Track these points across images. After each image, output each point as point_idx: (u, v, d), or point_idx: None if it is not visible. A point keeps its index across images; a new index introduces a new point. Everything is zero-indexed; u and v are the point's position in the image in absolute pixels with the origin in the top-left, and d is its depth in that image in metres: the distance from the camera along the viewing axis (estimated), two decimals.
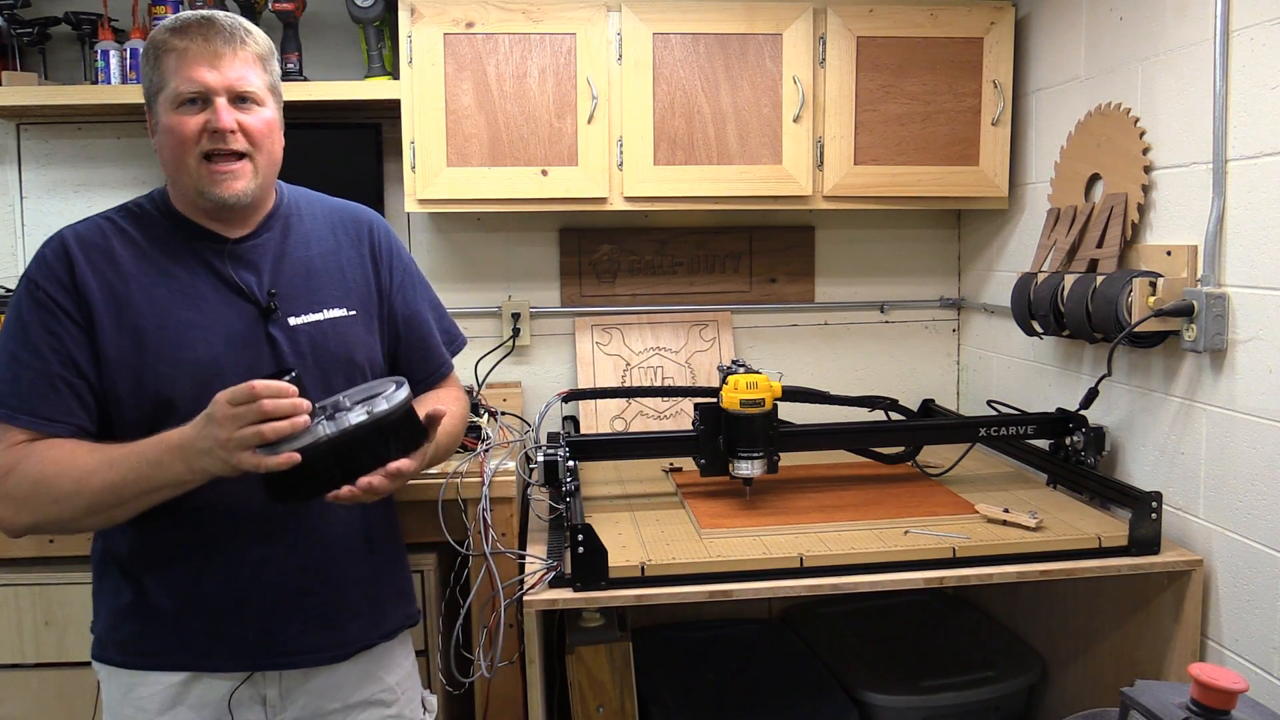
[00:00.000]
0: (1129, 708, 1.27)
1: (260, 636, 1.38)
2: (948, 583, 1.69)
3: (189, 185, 1.34)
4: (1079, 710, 1.56)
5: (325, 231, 1.49)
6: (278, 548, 1.38)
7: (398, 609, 1.56)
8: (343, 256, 1.48)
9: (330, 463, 1.21)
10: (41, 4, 2.42)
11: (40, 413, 1.28)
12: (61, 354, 1.29)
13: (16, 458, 1.26)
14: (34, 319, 1.30)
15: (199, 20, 1.33)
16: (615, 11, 2.25)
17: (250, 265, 1.40)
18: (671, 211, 2.47)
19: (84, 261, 1.32)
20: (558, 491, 1.87)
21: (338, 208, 1.54)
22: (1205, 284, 1.72)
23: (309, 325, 1.40)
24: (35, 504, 1.25)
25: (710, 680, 2.18)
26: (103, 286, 1.32)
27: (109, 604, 1.41)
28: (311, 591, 1.41)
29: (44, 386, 1.28)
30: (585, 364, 2.58)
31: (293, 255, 1.43)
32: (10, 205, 2.52)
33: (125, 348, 1.31)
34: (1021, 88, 2.39)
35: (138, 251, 1.36)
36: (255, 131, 1.34)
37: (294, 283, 1.41)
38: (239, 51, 1.33)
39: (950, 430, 2.20)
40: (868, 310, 2.74)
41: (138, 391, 1.31)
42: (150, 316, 1.32)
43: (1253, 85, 1.64)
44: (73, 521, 1.27)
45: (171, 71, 1.31)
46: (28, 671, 1.98)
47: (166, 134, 1.32)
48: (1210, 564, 1.74)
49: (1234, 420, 1.70)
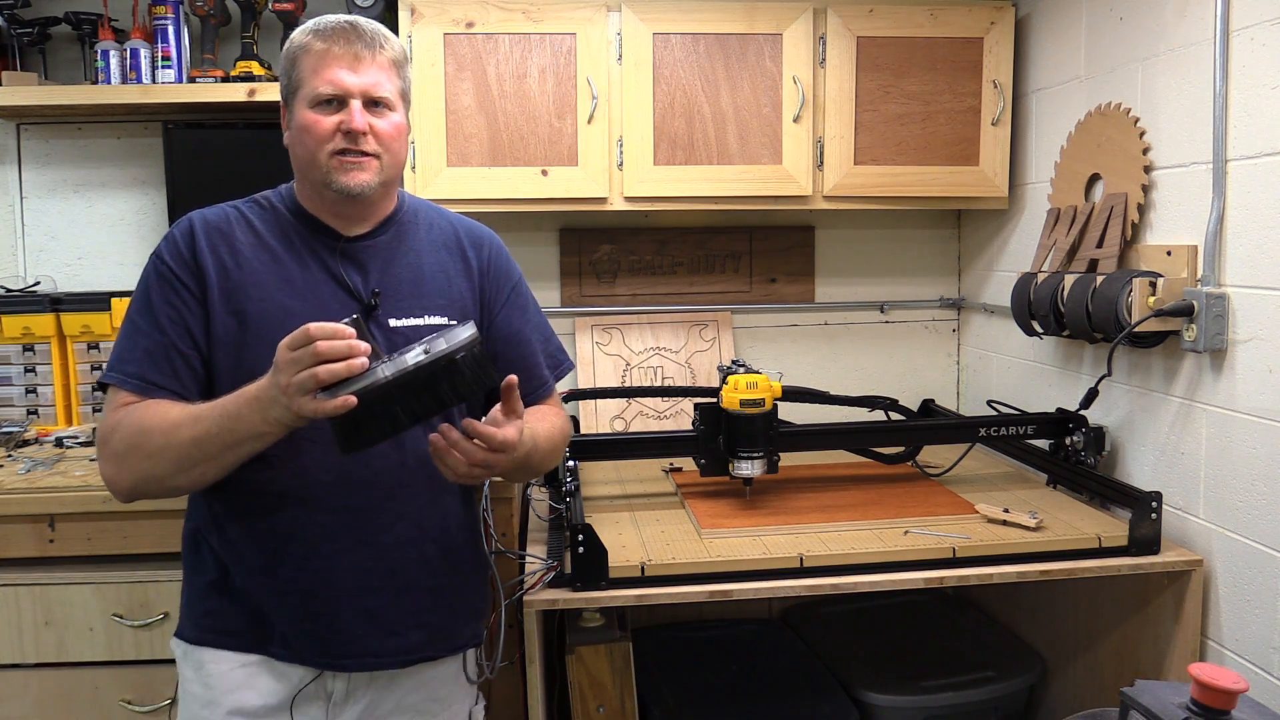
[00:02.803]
0: (1129, 708, 1.27)
1: (325, 633, 1.40)
2: (948, 583, 1.69)
3: (317, 178, 1.39)
4: (1079, 710, 1.56)
5: (439, 242, 1.52)
6: (345, 546, 1.39)
7: (467, 626, 1.54)
8: (452, 269, 1.51)
9: (391, 404, 1.19)
10: (41, 4, 2.42)
11: (149, 378, 1.34)
12: (179, 326, 1.36)
13: (120, 418, 1.32)
14: (157, 292, 1.37)
15: (342, 25, 1.39)
16: (615, 11, 2.25)
17: (359, 264, 1.44)
18: (671, 211, 2.47)
19: (205, 242, 1.39)
20: (558, 491, 1.87)
21: (457, 221, 1.58)
22: (1205, 284, 1.72)
23: (408, 328, 1.43)
24: (132, 460, 1.30)
25: (710, 680, 2.18)
26: (218, 268, 1.38)
27: (192, 582, 1.45)
28: (376, 595, 1.41)
29: (159, 355, 1.35)
30: (585, 364, 2.58)
31: (403, 260, 1.47)
32: (10, 205, 2.52)
33: (230, 326, 1.37)
34: (1021, 88, 2.39)
35: (257, 240, 1.42)
36: (384, 135, 1.40)
37: (400, 286, 1.45)
38: (376, 56, 1.38)
39: (950, 430, 2.21)
40: (868, 310, 2.74)
41: (235, 369, 1.35)
42: (255, 300, 1.38)
43: (1253, 85, 1.64)
44: (167, 478, 1.30)
45: (310, 71, 1.37)
46: (28, 671, 1.98)
47: (302, 130, 1.37)
48: (1210, 564, 1.74)
49: (1234, 420, 1.70)
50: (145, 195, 2.54)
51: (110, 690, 1.98)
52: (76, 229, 2.54)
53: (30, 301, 2.39)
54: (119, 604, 1.96)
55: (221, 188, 1.53)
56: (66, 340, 2.41)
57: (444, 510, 1.48)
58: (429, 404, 1.23)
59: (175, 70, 2.33)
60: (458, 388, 1.24)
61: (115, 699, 1.98)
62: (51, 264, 2.54)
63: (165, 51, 2.32)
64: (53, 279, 2.53)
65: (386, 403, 1.19)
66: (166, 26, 2.32)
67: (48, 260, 2.54)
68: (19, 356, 2.41)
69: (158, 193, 2.52)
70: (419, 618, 1.45)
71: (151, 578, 1.96)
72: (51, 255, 2.54)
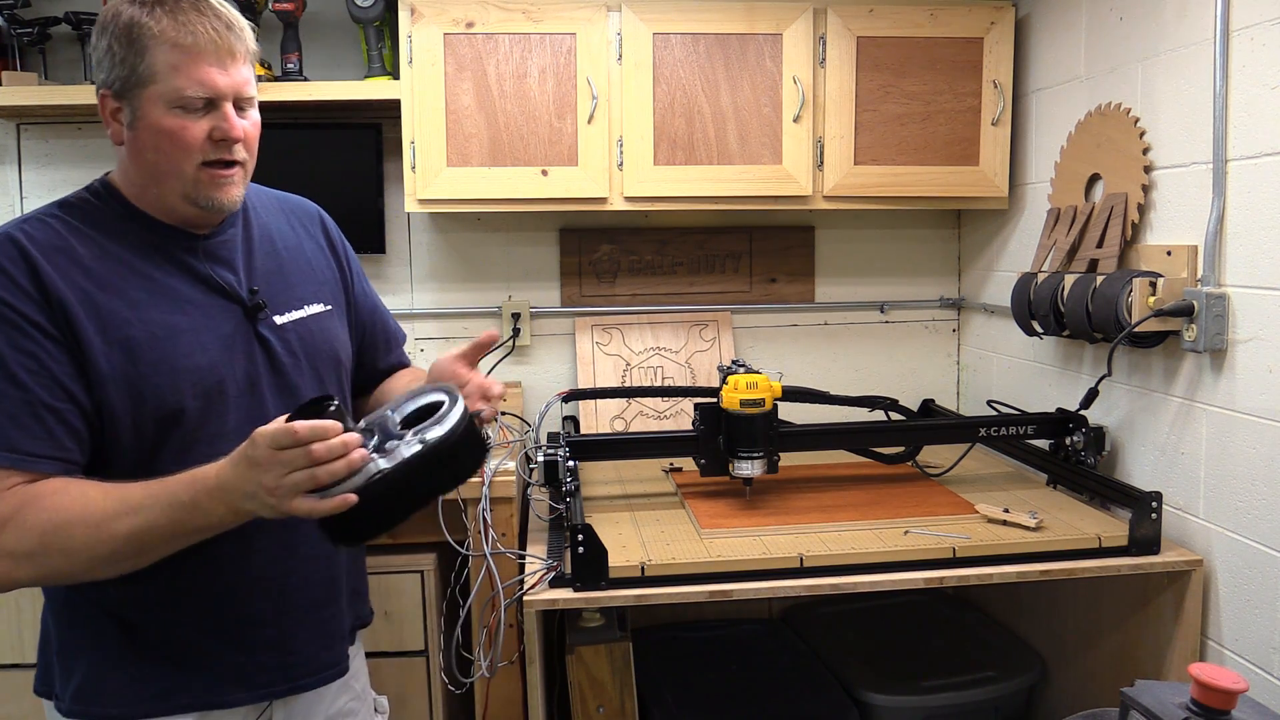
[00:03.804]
0: (1129, 708, 1.27)
1: (280, 662, 1.31)
2: (948, 583, 1.69)
3: (177, 189, 1.22)
4: (1079, 710, 1.56)
5: (283, 224, 1.41)
6: (293, 564, 1.32)
7: (364, 607, 1.52)
8: (306, 250, 1.41)
9: (390, 499, 1.12)
10: (41, 4, 2.42)
11: (22, 448, 1.12)
12: (42, 377, 1.13)
13: (13, 506, 1.10)
14: (2, 340, 1.13)
15: (195, 3, 1.19)
16: (615, 11, 2.25)
17: (225, 263, 1.29)
18: (671, 211, 2.47)
19: (47, 265, 1.16)
20: (558, 491, 1.87)
21: (283, 198, 1.46)
22: (1205, 284, 1.72)
23: (295, 323, 1.33)
24: (41, 558, 1.10)
25: (710, 680, 2.18)
26: (76, 292, 1.16)
27: (88, 655, 1.26)
28: (325, 603, 1.37)
29: (25, 417, 1.12)
30: (585, 364, 2.58)
31: (260, 250, 1.35)
32: (10, 205, 2.52)
33: (117, 361, 1.17)
34: (1021, 88, 2.39)
35: (100, 250, 1.21)
36: (250, 137, 1.27)
37: (269, 279, 1.33)
38: (244, 49, 1.23)
39: (950, 430, 2.21)
40: (868, 310, 2.75)
41: (137, 407, 1.18)
42: (136, 323, 1.19)
43: (1253, 85, 1.64)
44: (85, 573, 1.14)
45: (168, 67, 1.17)
46: (28, 671, 1.96)
47: (161, 136, 1.19)
48: (1210, 564, 1.74)
49: (1234, 420, 1.70)
50: None
51: None
52: None
53: None
54: None
55: None
56: None
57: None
58: (426, 492, 1.17)
59: None
60: (453, 471, 1.18)
61: None
62: None
63: None
64: None
65: (384, 498, 1.10)
66: None
67: None
68: None
69: None
70: (351, 620, 1.45)
71: None
72: None
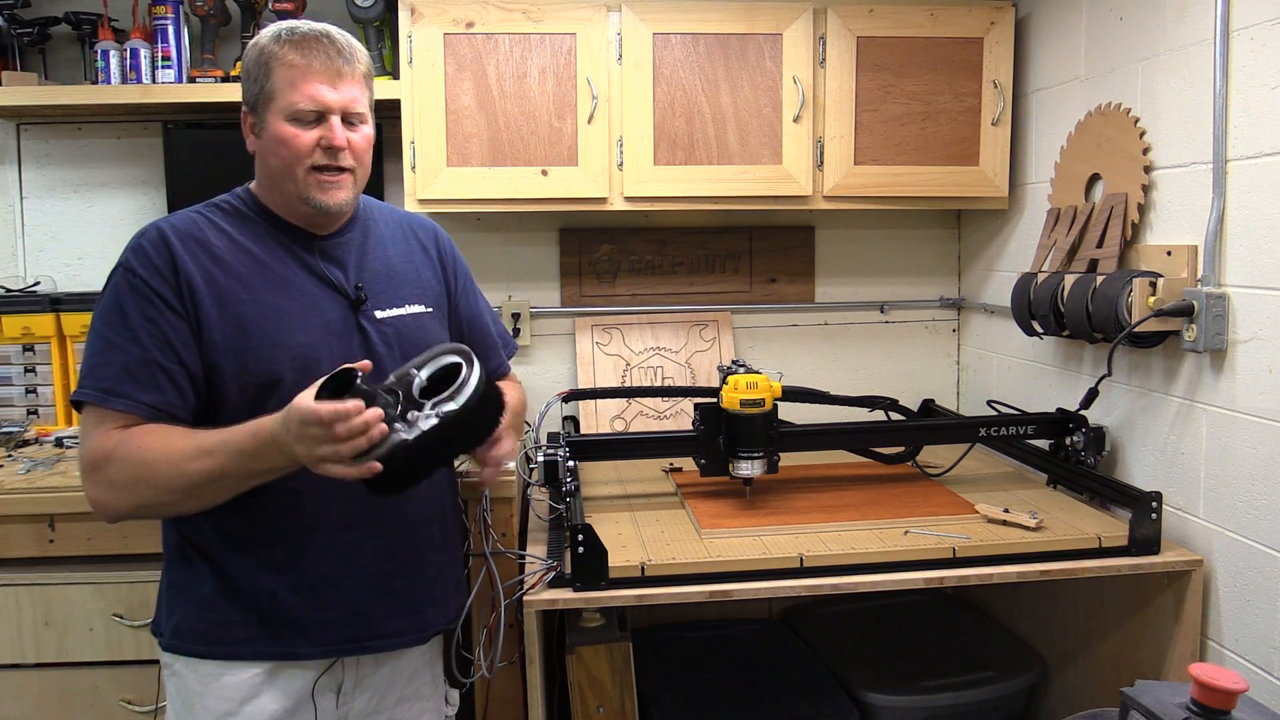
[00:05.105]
0: (1129, 708, 1.27)
1: (348, 621, 1.44)
2: (948, 583, 1.69)
3: (293, 191, 1.42)
4: (1079, 710, 1.56)
5: (399, 236, 1.60)
6: (367, 532, 1.45)
7: (457, 599, 1.64)
8: (416, 259, 1.60)
9: (414, 464, 1.25)
10: (41, 4, 2.42)
11: (134, 396, 1.32)
12: (159, 340, 1.34)
13: (114, 442, 1.30)
14: (132, 306, 1.34)
15: (318, 37, 1.40)
16: (615, 11, 2.25)
17: (336, 261, 1.49)
18: (671, 211, 2.47)
19: (182, 250, 1.38)
20: (558, 491, 1.87)
21: (405, 216, 1.66)
22: (1205, 284, 1.72)
23: (394, 319, 1.51)
24: (135, 489, 1.29)
25: (710, 680, 2.18)
26: (203, 274, 1.37)
27: (190, 593, 1.43)
28: (398, 575, 1.49)
29: (140, 372, 1.32)
30: (585, 364, 2.58)
31: (374, 254, 1.54)
32: (10, 205, 2.52)
33: (229, 332, 1.37)
34: (1021, 88, 2.39)
35: (230, 242, 1.42)
36: (359, 149, 1.45)
37: (377, 279, 1.52)
38: (354, 72, 1.42)
39: (950, 430, 2.21)
40: (868, 310, 2.74)
41: (242, 374, 1.37)
42: (249, 303, 1.39)
43: (1253, 85, 1.64)
44: (172, 505, 1.32)
45: (286, 84, 1.37)
46: (28, 671, 1.98)
47: (278, 144, 1.39)
48: (1210, 564, 1.74)
49: (1234, 420, 1.70)
50: (145, 195, 2.54)
51: (110, 690, 1.98)
52: (76, 229, 2.54)
53: (30, 301, 2.39)
54: (119, 604, 1.96)
55: (221, 188, 1.51)
56: (66, 340, 2.41)
57: (441, 491, 1.58)
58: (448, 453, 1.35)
59: (175, 70, 2.33)
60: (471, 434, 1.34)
61: (115, 699, 1.98)
62: (51, 264, 2.54)
63: (165, 51, 2.33)
64: (52, 279, 2.53)
65: (408, 462, 1.24)
66: (166, 26, 2.32)
67: (47, 260, 2.54)
68: (19, 357, 2.40)
69: (158, 193, 2.52)
70: (432, 595, 1.55)
71: (151, 578, 1.94)
72: (51, 255, 2.54)
